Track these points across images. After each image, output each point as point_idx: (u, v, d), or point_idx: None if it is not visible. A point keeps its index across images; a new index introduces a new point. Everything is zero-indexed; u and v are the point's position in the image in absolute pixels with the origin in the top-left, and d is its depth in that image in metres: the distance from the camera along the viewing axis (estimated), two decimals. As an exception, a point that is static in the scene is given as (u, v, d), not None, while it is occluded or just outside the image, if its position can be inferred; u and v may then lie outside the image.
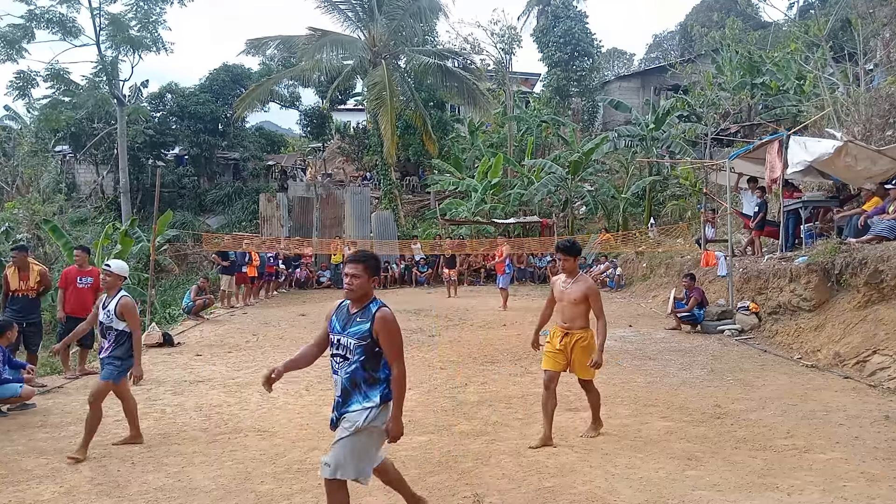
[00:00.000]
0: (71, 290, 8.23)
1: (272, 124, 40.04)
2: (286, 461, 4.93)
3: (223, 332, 11.69)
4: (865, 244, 8.73)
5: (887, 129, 12.04)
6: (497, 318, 12.95)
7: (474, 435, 5.50)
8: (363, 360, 3.33)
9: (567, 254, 5.16)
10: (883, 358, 7.07)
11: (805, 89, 19.83)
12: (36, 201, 21.10)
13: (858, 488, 4.13)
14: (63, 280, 8.35)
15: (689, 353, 9.11)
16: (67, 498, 4.28)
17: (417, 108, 25.09)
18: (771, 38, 24.45)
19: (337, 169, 33.04)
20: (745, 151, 12.34)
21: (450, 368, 8.35)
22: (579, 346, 5.14)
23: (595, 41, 33.19)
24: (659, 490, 4.17)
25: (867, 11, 15.46)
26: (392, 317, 3.34)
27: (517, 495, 4.17)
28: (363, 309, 3.37)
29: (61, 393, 7.32)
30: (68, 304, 8.20)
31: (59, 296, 8.35)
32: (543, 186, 22.72)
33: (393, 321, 3.34)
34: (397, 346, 3.34)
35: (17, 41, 24.31)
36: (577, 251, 5.23)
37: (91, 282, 8.30)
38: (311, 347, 3.61)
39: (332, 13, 24.94)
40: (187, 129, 28.96)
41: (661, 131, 22.41)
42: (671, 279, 15.31)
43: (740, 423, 5.64)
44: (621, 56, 50.30)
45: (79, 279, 8.28)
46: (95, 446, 5.33)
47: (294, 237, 22.33)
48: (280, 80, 27.97)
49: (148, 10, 25.85)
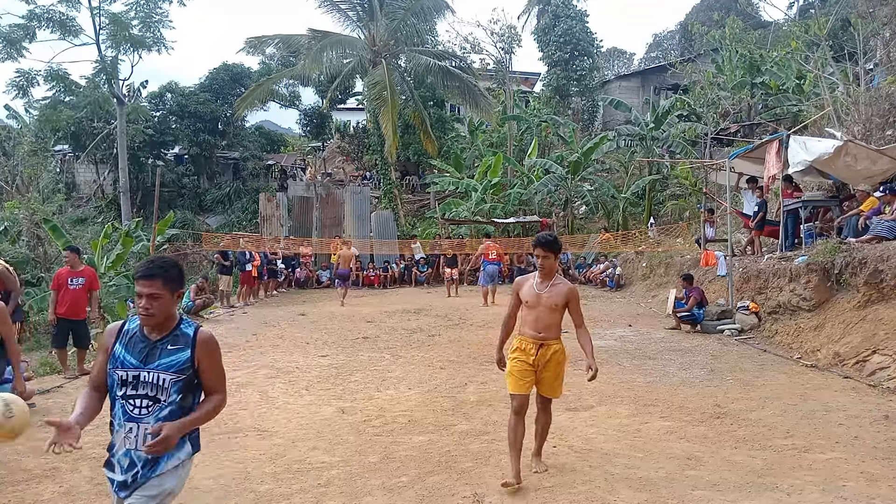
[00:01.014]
0: (63, 292, 8.16)
1: (272, 124, 40.04)
2: (286, 461, 4.93)
3: (223, 332, 11.68)
4: (865, 244, 8.73)
5: (887, 129, 12.04)
6: (497, 318, 12.94)
7: (474, 435, 5.50)
8: (181, 399, 2.61)
9: (547, 249, 4.33)
10: (883, 358, 7.07)
11: (805, 89, 19.85)
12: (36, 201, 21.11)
13: (858, 488, 4.14)
14: (55, 282, 8.29)
15: (689, 352, 9.11)
16: (67, 498, 4.28)
17: (417, 107, 25.09)
18: (771, 38, 24.45)
19: (337, 168, 33.03)
20: (745, 151, 12.34)
21: (450, 368, 8.35)
22: (555, 361, 4.36)
23: (595, 41, 33.20)
24: (659, 490, 4.17)
25: (867, 11, 15.45)
26: (214, 336, 2.73)
27: (517, 495, 4.17)
28: (170, 334, 2.64)
29: (61, 393, 7.32)
30: (62, 305, 8.14)
31: (51, 298, 8.32)
32: (543, 186, 22.73)
33: (216, 342, 2.72)
34: (223, 372, 2.77)
35: (18, 40, 24.31)
36: (559, 248, 4.45)
37: (83, 282, 8.27)
38: (93, 394, 2.69)
39: (332, 13, 24.96)
40: (187, 129, 28.96)
41: (661, 131, 22.42)
42: (671, 279, 15.31)
43: (740, 423, 5.64)
44: (621, 56, 50.31)
45: (70, 280, 8.21)
46: (95, 446, 5.33)
47: (294, 237, 22.35)
48: (280, 79, 27.96)
49: (150, 9, 25.83)
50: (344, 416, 6.20)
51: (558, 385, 4.47)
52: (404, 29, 24.72)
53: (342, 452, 5.13)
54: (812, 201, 11.15)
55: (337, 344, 10.24)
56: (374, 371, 8.26)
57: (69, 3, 24.82)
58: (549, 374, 4.38)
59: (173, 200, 28.68)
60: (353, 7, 24.72)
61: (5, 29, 24.24)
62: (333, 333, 11.27)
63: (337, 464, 4.87)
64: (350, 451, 5.17)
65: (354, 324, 12.29)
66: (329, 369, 8.35)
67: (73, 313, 8.23)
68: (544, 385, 4.42)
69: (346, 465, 4.82)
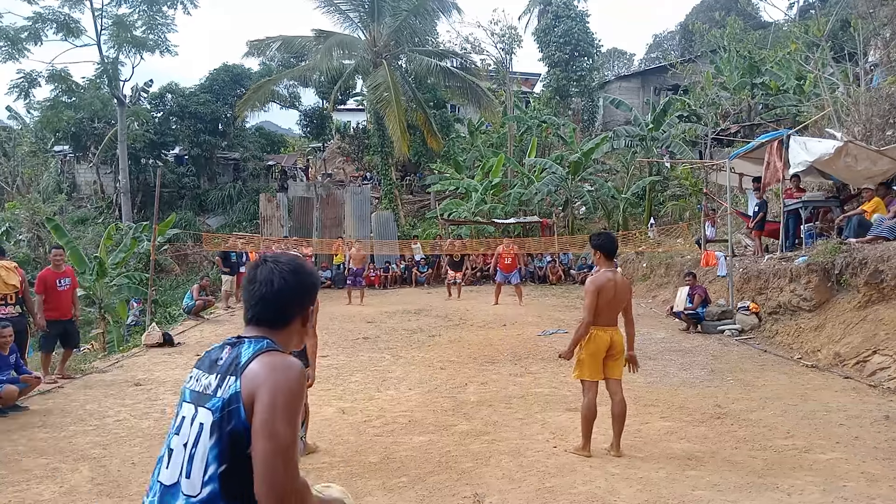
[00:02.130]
0: (53, 295, 7.93)
1: (272, 124, 40.04)
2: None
3: (223, 332, 11.69)
4: (865, 244, 8.73)
5: (887, 129, 12.04)
6: (497, 318, 12.94)
7: (474, 435, 5.50)
8: None
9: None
10: (883, 358, 7.07)
11: (805, 89, 19.85)
12: (36, 201, 21.14)
13: (858, 488, 4.13)
14: (41, 285, 7.86)
15: (689, 353, 9.11)
16: (67, 498, 4.28)
17: (419, 107, 25.09)
18: (771, 38, 24.45)
19: (337, 169, 33.04)
20: (745, 151, 12.34)
21: (450, 368, 8.34)
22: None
23: (595, 41, 33.20)
24: (659, 490, 4.17)
25: (867, 11, 15.44)
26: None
27: (517, 495, 4.17)
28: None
29: (61, 393, 7.32)
30: (54, 309, 7.93)
31: (38, 301, 7.81)
32: (543, 186, 22.72)
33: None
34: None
35: (22, 41, 24.37)
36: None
37: (69, 282, 8.17)
38: None
39: (333, 14, 24.93)
40: (188, 129, 28.96)
41: (661, 131, 22.42)
42: (671, 279, 15.31)
43: (740, 423, 5.64)
44: (621, 56, 50.30)
45: (58, 281, 8.00)
46: (95, 446, 5.33)
47: (294, 237, 22.33)
48: (280, 80, 27.97)
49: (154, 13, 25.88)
50: (344, 417, 6.20)
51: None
52: (405, 29, 24.72)
53: (342, 452, 5.13)
54: (812, 201, 11.14)
55: (337, 344, 10.24)
56: (375, 371, 8.26)
57: (72, 5, 24.88)
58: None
59: (174, 201, 28.68)
60: (354, 8, 24.71)
61: (12, 30, 24.30)
62: (334, 334, 11.27)
63: (337, 464, 4.87)
64: (350, 451, 5.17)
65: (355, 324, 12.29)
66: (329, 369, 8.35)
67: (64, 314, 8.11)
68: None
69: (347, 465, 4.82)
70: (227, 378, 1.70)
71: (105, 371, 8.53)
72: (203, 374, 1.79)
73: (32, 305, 7.78)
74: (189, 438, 1.72)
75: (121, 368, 8.75)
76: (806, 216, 10.86)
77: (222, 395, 1.68)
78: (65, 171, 30.83)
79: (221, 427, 1.65)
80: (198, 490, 1.65)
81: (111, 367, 8.84)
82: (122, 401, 6.88)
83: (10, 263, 7.66)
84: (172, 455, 1.76)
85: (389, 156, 25.98)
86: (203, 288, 13.71)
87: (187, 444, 1.72)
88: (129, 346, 11.14)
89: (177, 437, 1.78)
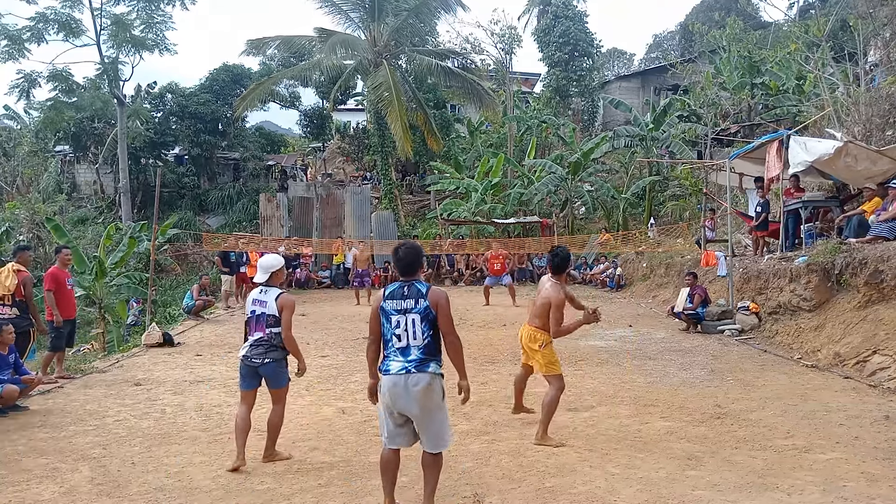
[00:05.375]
0: (63, 293, 7.99)
1: (272, 124, 40.04)
2: (286, 461, 4.93)
3: (223, 332, 11.69)
4: (866, 244, 8.73)
5: (887, 129, 12.05)
6: (497, 318, 12.94)
7: (474, 435, 5.50)
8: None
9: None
10: (883, 358, 7.07)
11: (805, 89, 19.86)
12: (36, 201, 21.14)
13: (858, 488, 4.13)
14: (53, 282, 7.89)
15: (689, 353, 9.11)
16: (67, 498, 4.28)
17: (420, 107, 25.08)
18: (771, 38, 24.46)
19: (337, 169, 33.04)
20: (745, 151, 12.33)
21: (450, 368, 8.32)
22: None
23: (595, 41, 33.21)
24: (659, 490, 4.17)
25: (867, 11, 15.44)
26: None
27: (517, 495, 4.17)
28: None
29: (61, 393, 7.31)
30: (68, 307, 8.02)
31: (50, 299, 7.84)
32: (543, 186, 22.71)
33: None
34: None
35: (24, 41, 24.37)
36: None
37: (73, 282, 8.32)
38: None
39: (333, 14, 24.93)
40: (187, 129, 28.96)
41: (661, 131, 22.42)
42: (671, 279, 15.31)
43: (740, 423, 5.64)
44: (621, 56, 50.31)
45: (67, 280, 8.16)
46: (95, 446, 5.33)
47: (294, 237, 22.33)
48: (280, 79, 27.96)
49: (152, 11, 25.86)
50: (344, 417, 6.20)
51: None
52: (406, 29, 24.71)
53: (342, 452, 5.14)
54: (812, 201, 11.14)
55: (337, 344, 10.23)
56: (375, 371, 8.24)
57: (72, 4, 24.87)
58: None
59: (174, 201, 28.68)
60: (354, 8, 24.70)
61: (14, 30, 24.31)
62: (334, 334, 11.27)
63: (337, 464, 4.87)
64: (350, 451, 5.17)
65: (354, 324, 12.29)
66: (329, 369, 8.35)
67: (71, 313, 8.20)
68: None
69: (347, 465, 4.83)
70: (419, 300, 3.74)
71: (105, 371, 8.52)
72: (398, 302, 3.76)
73: (35, 309, 7.77)
74: (409, 327, 3.73)
75: (121, 368, 8.74)
76: (806, 216, 10.86)
77: (420, 306, 3.73)
78: (65, 171, 30.82)
79: (425, 319, 3.74)
80: (422, 342, 3.75)
81: (111, 367, 8.83)
82: (122, 401, 6.88)
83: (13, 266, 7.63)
84: (399, 336, 3.76)
85: (389, 156, 25.98)
86: (203, 287, 13.70)
87: (408, 329, 3.73)
88: (128, 346, 11.12)
89: (398, 328, 3.75)
